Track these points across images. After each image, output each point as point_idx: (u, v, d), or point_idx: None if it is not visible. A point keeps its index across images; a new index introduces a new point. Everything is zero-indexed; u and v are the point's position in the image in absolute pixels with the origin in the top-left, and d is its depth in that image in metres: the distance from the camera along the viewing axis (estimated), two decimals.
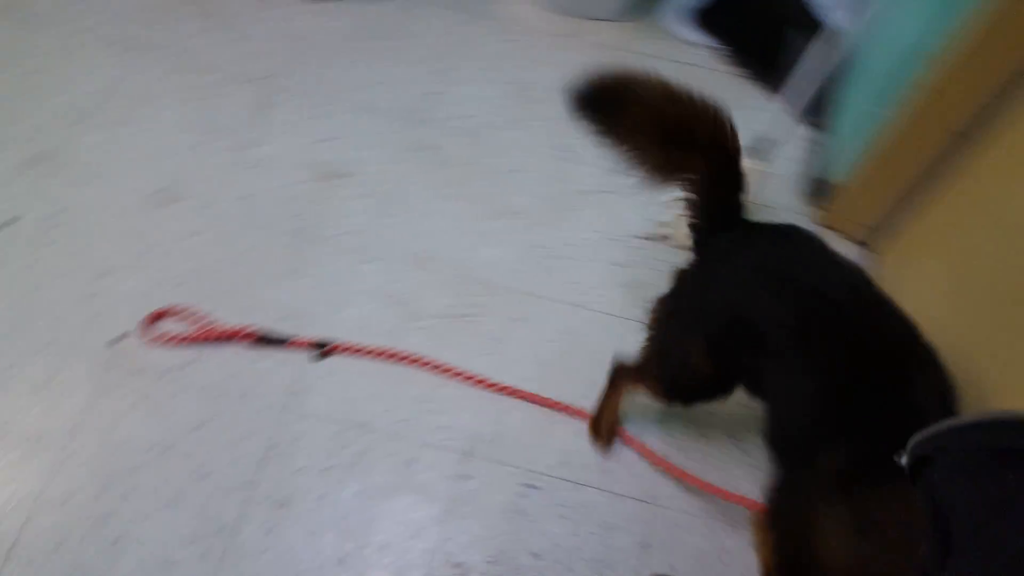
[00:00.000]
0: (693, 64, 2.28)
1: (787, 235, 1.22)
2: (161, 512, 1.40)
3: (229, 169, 1.88)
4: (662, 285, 1.78)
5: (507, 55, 2.26)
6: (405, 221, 1.85)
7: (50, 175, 1.84)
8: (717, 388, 1.29)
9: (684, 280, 1.31)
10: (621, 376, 1.49)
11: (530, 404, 1.60)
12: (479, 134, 2.05)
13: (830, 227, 1.88)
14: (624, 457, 1.56)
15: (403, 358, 1.62)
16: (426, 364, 1.62)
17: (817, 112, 2.04)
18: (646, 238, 1.89)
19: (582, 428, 1.58)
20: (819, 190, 1.91)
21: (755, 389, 1.20)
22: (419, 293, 1.73)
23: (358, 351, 1.62)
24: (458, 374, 1.61)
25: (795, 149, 2.05)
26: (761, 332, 1.09)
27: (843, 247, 1.87)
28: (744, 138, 1.68)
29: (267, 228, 1.78)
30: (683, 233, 1.81)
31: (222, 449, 1.48)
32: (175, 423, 1.50)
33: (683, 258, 1.74)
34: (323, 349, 1.61)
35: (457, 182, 1.94)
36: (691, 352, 1.23)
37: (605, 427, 1.57)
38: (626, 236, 1.89)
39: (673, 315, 1.32)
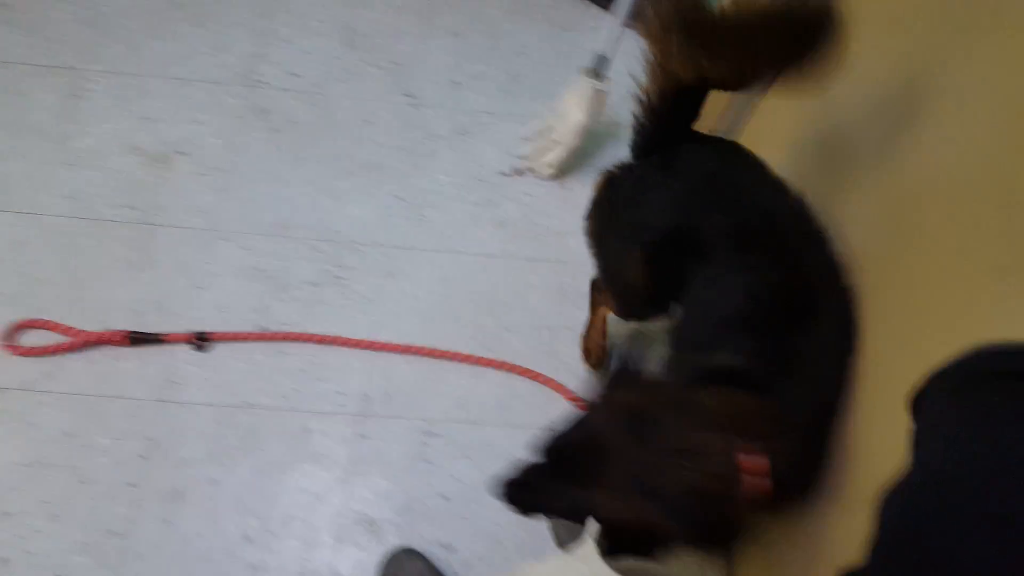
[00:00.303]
0: None
1: (731, 150, 1.35)
2: (48, 526, 1.48)
3: (49, 168, 1.91)
4: (532, 218, 1.96)
5: (326, 3, 2.34)
6: (255, 192, 1.94)
7: None
8: (653, 299, 1.41)
9: (619, 187, 1.40)
10: (596, 295, 1.64)
11: (418, 356, 1.75)
12: (315, 91, 2.15)
13: None
14: (516, 388, 1.73)
15: (285, 337, 1.73)
16: (309, 339, 1.74)
17: None
18: (508, 173, 2.06)
19: (472, 371, 1.74)
20: None
21: (678, 296, 1.32)
22: (284, 264, 1.84)
23: (237, 337, 1.72)
24: (344, 342, 1.74)
25: (636, 64, 2.25)
26: (701, 239, 1.22)
27: None
28: (583, 60, 1.87)
29: (104, 223, 1.84)
30: (545, 163, 2.00)
31: (100, 453, 1.56)
32: (46, 435, 1.57)
33: (550, 186, 1.92)
34: (201, 340, 1.70)
35: (302, 143, 2.04)
36: (628, 263, 1.36)
37: (592, 347, 1.74)
38: (487, 174, 2.05)
39: (609, 225, 1.43)
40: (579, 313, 1.79)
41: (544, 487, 1.07)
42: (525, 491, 1.08)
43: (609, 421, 1.04)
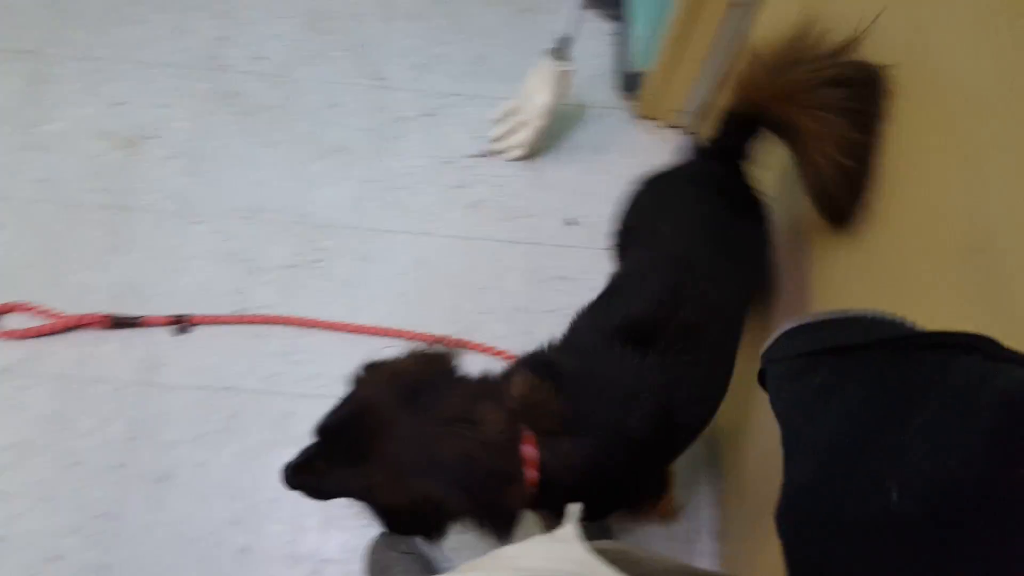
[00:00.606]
0: None
1: (750, 211, 1.35)
2: (35, 509, 1.50)
3: (18, 155, 1.93)
4: (503, 200, 2.03)
5: None
6: (226, 175, 1.97)
7: None
8: None
9: (669, 172, 1.42)
10: None
11: (398, 339, 1.80)
12: (282, 74, 2.18)
13: (648, 117, 2.18)
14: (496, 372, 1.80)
15: (264, 320, 1.78)
16: (288, 322, 1.78)
17: (614, 4, 2.34)
18: (479, 155, 2.12)
19: None
20: (630, 82, 2.20)
21: None
22: (258, 247, 1.88)
23: (217, 320, 1.76)
24: (323, 325, 1.79)
25: (599, 45, 2.34)
26: (642, 248, 1.30)
27: (665, 136, 2.19)
28: (547, 42, 1.94)
29: (76, 208, 1.86)
30: (513, 145, 2.07)
31: (85, 436, 1.59)
32: (30, 418, 1.59)
33: (520, 168, 1.99)
34: (180, 323, 1.74)
35: (271, 127, 2.07)
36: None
37: None
38: (457, 156, 2.10)
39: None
40: (556, 296, 1.87)
41: (325, 469, 1.06)
42: (308, 474, 1.08)
43: (380, 393, 1.04)
